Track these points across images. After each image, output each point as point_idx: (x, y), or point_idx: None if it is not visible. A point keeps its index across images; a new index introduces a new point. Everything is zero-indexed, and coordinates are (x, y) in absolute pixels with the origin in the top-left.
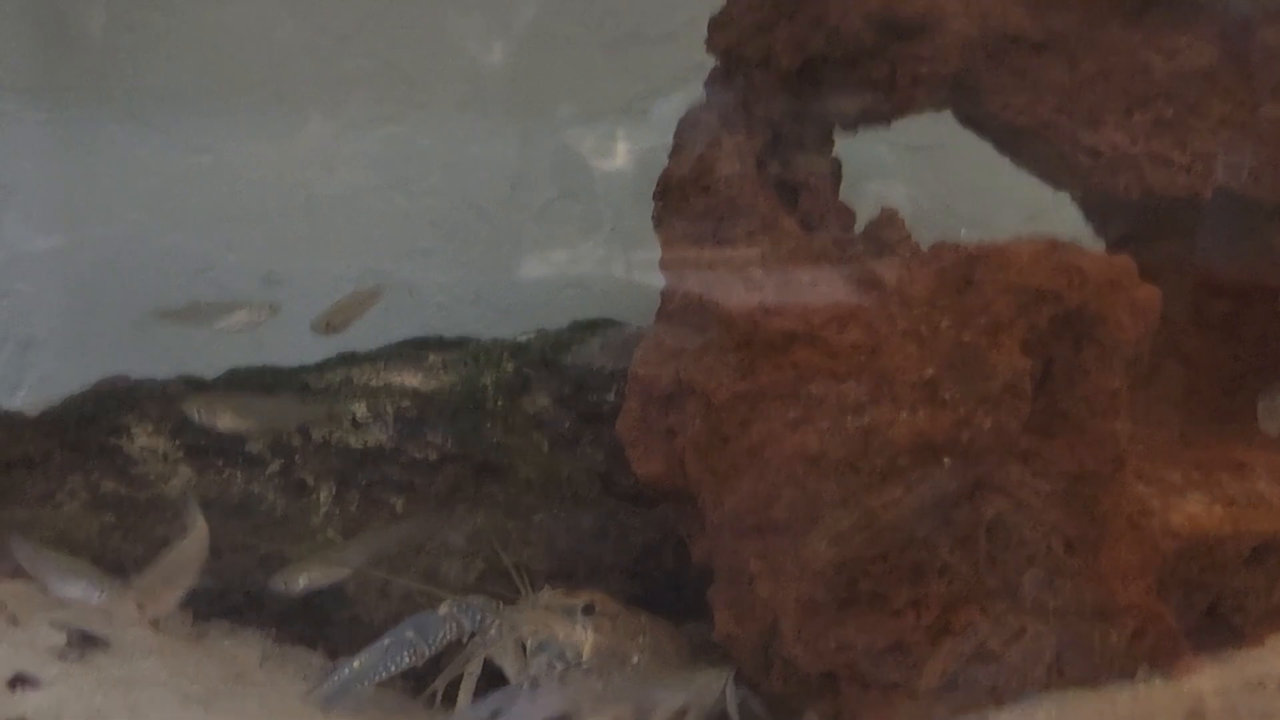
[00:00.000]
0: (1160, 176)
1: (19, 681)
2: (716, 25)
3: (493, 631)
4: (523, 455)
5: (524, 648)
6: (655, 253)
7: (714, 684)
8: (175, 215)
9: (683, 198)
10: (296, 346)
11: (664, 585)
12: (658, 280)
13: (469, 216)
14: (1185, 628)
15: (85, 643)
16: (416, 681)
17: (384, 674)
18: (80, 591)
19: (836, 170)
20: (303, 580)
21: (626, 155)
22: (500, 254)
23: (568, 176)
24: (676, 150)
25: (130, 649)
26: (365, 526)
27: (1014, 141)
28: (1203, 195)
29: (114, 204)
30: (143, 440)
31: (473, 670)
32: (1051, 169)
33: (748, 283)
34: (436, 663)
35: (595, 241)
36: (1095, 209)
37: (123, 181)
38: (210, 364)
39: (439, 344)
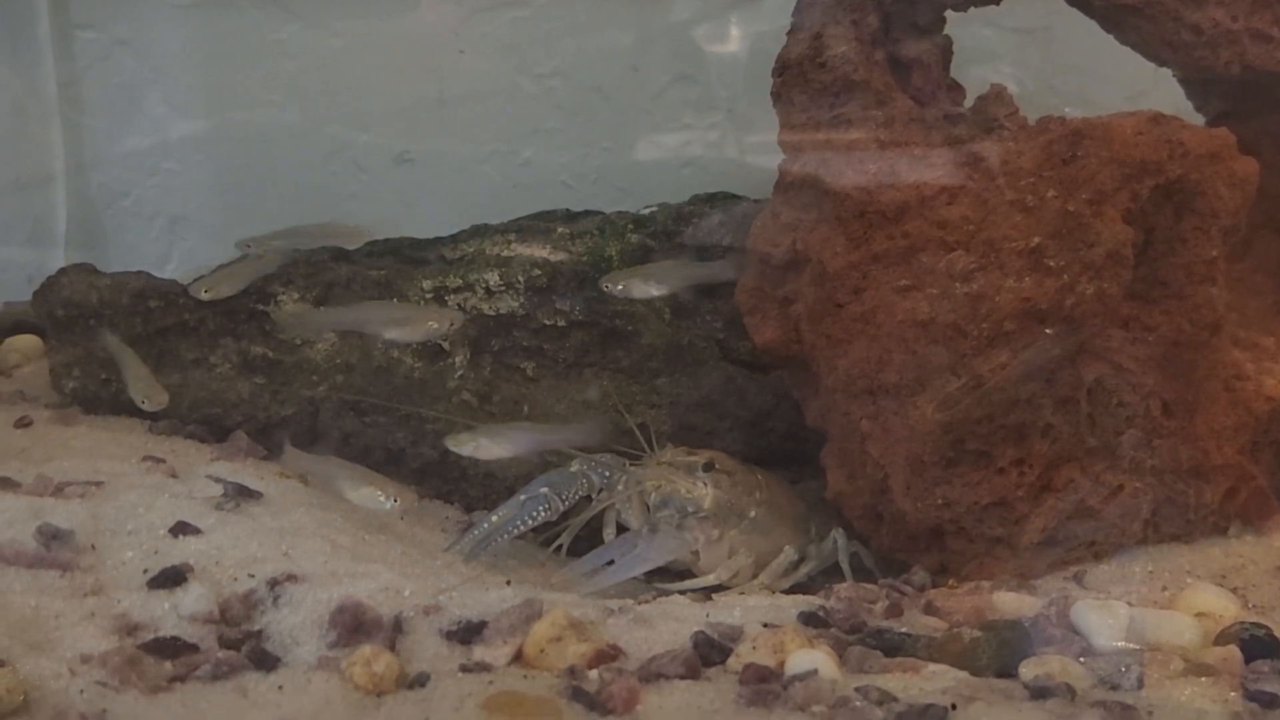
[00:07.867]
0: (1260, 52)
1: (181, 529)
2: None
3: (619, 487)
4: (646, 322)
5: (647, 505)
6: (767, 134)
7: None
8: (311, 97)
9: (800, 75)
10: (430, 220)
11: (779, 445)
12: (769, 160)
13: (591, 99)
14: (1276, 487)
15: (240, 494)
16: (545, 532)
17: (521, 528)
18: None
19: (947, 49)
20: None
21: (740, 40)
22: (620, 134)
23: (684, 60)
24: (794, 30)
25: (281, 501)
26: (497, 390)
27: (1119, 20)
28: None
29: (253, 87)
30: (289, 307)
31: (609, 520)
32: (1155, 47)
33: (862, 156)
34: (565, 516)
35: (710, 123)
36: (1196, 85)
37: (261, 65)
38: None
39: (566, 217)
